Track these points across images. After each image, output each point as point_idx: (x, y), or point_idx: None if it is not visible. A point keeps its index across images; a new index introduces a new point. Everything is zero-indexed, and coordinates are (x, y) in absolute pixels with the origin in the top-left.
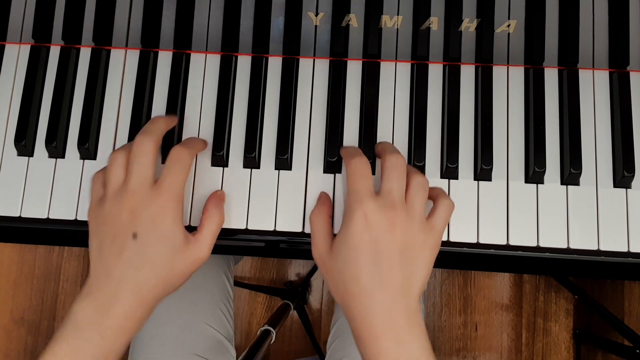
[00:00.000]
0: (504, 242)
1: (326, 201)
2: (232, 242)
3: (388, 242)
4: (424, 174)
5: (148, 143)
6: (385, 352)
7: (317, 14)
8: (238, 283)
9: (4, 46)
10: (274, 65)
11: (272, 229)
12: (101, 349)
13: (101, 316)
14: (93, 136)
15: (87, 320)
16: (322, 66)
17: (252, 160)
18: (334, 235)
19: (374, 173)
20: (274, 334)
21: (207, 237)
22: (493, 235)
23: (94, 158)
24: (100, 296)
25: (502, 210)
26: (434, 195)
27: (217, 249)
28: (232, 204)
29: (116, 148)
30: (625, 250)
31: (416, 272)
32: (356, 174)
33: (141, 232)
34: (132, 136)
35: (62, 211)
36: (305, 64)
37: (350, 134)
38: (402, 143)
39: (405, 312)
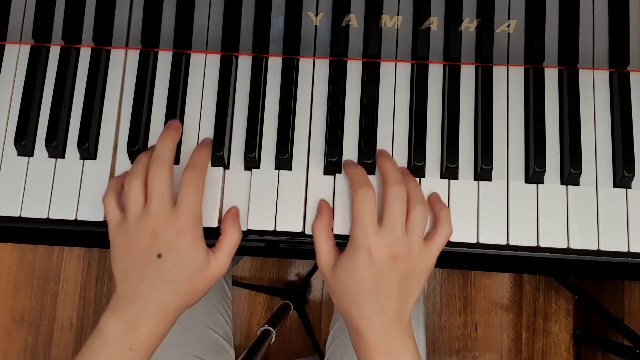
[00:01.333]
0: (504, 242)
1: (327, 212)
2: None
3: (388, 276)
4: (424, 174)
5: (163, 169)
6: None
7: (317, 14)
8: (238, 283)
9: (4, 46)
10: (274, 65)
11: (272, 229)
12: (130, 359)
13: (129, 332)
14: (93, 136)
15: (117, 336)
16: (322, 66)
17: (252, 160)
18: (336, 241)
19: (373, 172)
20: (274, 334)
21: (225, 255)
22: (493, 235)
23: (94, 158)
24: (127, 314)
25: (502, 210)
26: (436, 217)
27: None
28: (232, 204)
29: (129, 168)
30: (625, 250)
31: (411, 296)
32: (363, 207)
33: (163, 255)
34: (132, 136)
35: (62, 211)
36: (305, 64)
37: (350, 134)
38: (402, 143)
39: (399, 330)
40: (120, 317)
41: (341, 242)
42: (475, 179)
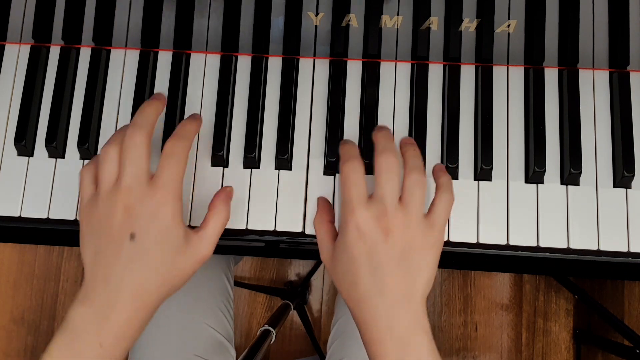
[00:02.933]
0: (504, 242)
1: (326, 206)
2: (232, 242)
3: (384, 250)
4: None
5: (140, 135)
6: (387, 357)
7: (317, 14)
8: (238, 283)
9: (4, 46)
10: (274, 65)
11: (272, 229)
12: (100, 357)
13: (100, 323)
14: (93, 136)
15: (85, 327)
16: (322, 66)
17: (252, 160)
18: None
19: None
20: (274, 334)
21: (210, 235)
22: (493, 235)
23: None
24: (98, 301)
25: (502, 210)
26: (437, 185)
27: (217, 249)
28: (232, 204)
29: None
30: (625, 250)
31: (418, 275)
32: (348, 181)
33: (139, 231)
34: None
35: (62, 211)
36: (305, 64)
37: (350, 134)
38: None
39: (407, 317)
40: (90, 305)
41: None
42: (475, 179)
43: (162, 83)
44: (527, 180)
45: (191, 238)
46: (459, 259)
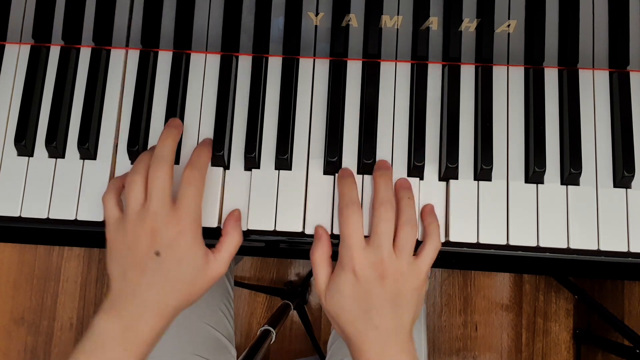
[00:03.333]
0: (504, 242)
1: (325, 239)
2: None
3: (377, 294)
4: (424, 174)
5: (164, 167)
6: None
7: (317, 14)
8: (238, 283)
9: (4, 46)
10: (274, 65)
11: (272, 229)
12: None
13: (126, 332)
14: (93, 136)
15: (112, 337)
16: (322, 66)
17: (252, 160)
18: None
19: (369, 171)
20: (274, 334)
21: (225, 257)
22: (493, 235)
23: (94, 158)
24: (126, 314)
25: (502, 210)
26: (425, 231)
27: None
28: (232, 204)
29: (130, 168)
30: (625, 250)
31: (406, 313)
32: (348, 226)
33: (162, 253)
34: (132, 136)
35: (62, 211)
36: (305, 64)
37: (350, 134)
38: (402, 143)
39: (397, 346)
40: (117, 316)
41: None
42: (475, 179)
43: (162, 83)
44: (527, 180)
45: (209, 259)
46: (459, 259)
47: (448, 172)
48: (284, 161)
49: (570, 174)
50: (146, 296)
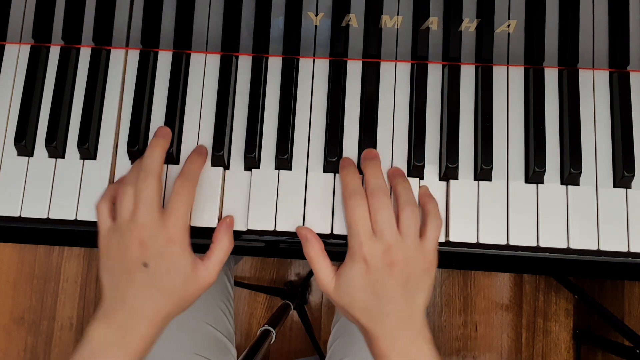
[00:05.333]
0: (504, 242)
1: (312, 236)
2: None
3: (388, 282)
4: (424, 174)
5: (151, 181)
6: None
7: (317, 14)
8: (238, 283)
9: (4, 46)
10: (274, 65)
11: (272, 229)
12: None
13: (118, 341)
14: (93, 136)
15: (105, 344)
16: (322, 66)
17: (252, 160)
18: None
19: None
20: (274, 334)
21: (215, 264)
22: (493, 235)
23: (94, 158)
24: (116, 323)
25: (502, 210)
26: (424, 212)
27: None
28: (232, 204)
29: (123, 176)
30: (625, 250)
31: (418, 298)
32: (354, 216)
33: (151, 263)
34: (132, 136)
35: (62, 211)
36: (305, 64)
37: (350, 134)
38: (402, 143)
39: (411, 333)
40: (108, 324)
41: (342, 243)
42: (475, 179)
43: (162, 83)
44: (527, 180)
45: (198, 267)
46: (459, 259)
47: (448, 172)
48: (284, 161)
49: (570, 174)
50: (136, 306)
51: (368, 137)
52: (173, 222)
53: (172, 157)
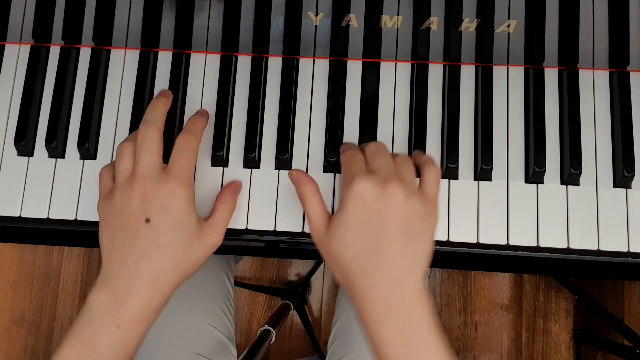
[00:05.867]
0: (504, 242)
1: (305, 176)
2: (232, 242)
3: (387, 218)
4: None
5: (152, 130)
6: (387, 337)
7: (317, 14)
8: (238, 283)
9: (4, 46)
10: (274, 65)
11: (272, 229)
12: (118, 339)
13: (117, 306)
14: (93, 136)
15: (103, 311)
16: (322, 66)
17: (252, 160)
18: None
19: None
20: (274, 334)
21: (220, 222)
22: (493, 235)
23: (94, 158)
24: (115, 286)
25: (502, 210)
26: (420, 163)
27: (217, 249)
28: None
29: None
30: (625, 250)
31: (418, 249)
32: (349, 160)
33: (153, 218)
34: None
35: (62, 211)
36: (305, 64)
37: (350, 134)
38: (402, 143)
39: (408, 294)
40: (107, 290)
41: None
42: (475, 179)
43: (162, 83)
44: (527, 180)
45: (202, 225)
46: (459, 259)
47: (448, 172)
48: (284, 161)
49: (570, 174)
50: (137, 266)
51: (368, 137)
52: (176, 174)
53: None
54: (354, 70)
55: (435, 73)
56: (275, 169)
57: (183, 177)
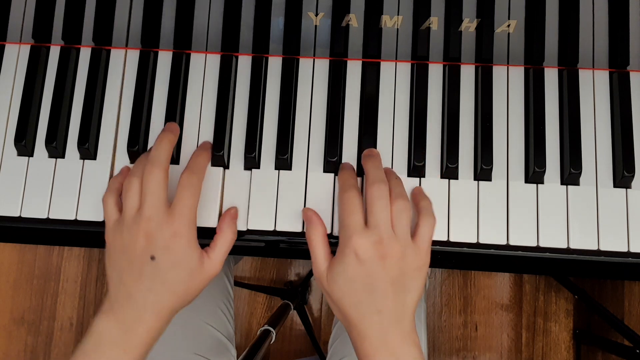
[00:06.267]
0: (504, 242)
1: (316, 219)
2: None
3: (380, 275)
4: (424, 174)
5: (157, 171)
6: None
7: (317, 14)
8: (238, 283)
9: (4, 46)
10: (274, 65)
11: (272, 229)
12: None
13: (125, 334)
14: (93, 136)
15: (111, 339)
16: (322, 66)
17: (252, 160)
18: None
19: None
20: (274, 334)
21: (219, 255)
22: (493, 235)
23: (94, 158)
24: (124, 317)
25: (502, 210)
26: (417, 210)
27: None
28: (232, 204)
29: (130, 168)
30: (625, 250)
31: (408, 296)
32: (347, 209)
33: (158, 257)
34: (132, 136)
35: (62, 211)
36: (305, 64)
37: (350, 134)
38: (402, 143)
39: (400, 333)
40: (115, 318)
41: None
42: (475, 179)
43: (162, 83)
44: (527, 180)
45: (203, 260)
46: (459, 259)
47: (448, 172)
48: (284, 161)
49: (570, 174)
50: (143, 300)
51: (368, 137)
52: (179, 215)
53: (172, 157)
54: (354, 70)
55: (435, 73)
56: (275, 169)
57: (186, 217)
